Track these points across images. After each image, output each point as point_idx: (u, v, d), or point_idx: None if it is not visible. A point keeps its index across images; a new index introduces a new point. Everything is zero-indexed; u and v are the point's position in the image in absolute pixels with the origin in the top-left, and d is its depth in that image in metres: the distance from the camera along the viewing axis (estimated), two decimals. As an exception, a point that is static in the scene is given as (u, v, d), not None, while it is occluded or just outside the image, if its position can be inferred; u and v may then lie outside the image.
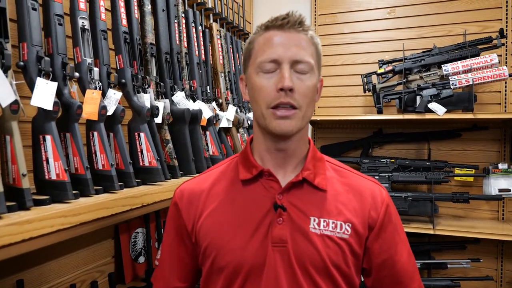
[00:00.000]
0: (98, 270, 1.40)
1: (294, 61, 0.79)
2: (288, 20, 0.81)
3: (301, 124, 0.82)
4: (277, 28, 0.82)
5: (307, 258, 0.81)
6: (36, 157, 0.95)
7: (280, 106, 0.79)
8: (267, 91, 0.80)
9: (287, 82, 0.77)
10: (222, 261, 0.83)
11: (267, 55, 0.80)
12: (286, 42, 0.80)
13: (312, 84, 0.81)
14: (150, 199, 1.07)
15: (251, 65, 0.84)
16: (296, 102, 0.79)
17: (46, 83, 0.94)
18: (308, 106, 0.82)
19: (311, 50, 0.82)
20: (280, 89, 0.78)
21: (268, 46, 0.81)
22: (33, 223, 0.71)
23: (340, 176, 0.90)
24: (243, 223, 0.84)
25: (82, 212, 0.83)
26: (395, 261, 0.87)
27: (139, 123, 1.26)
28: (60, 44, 1.02)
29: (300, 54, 0.80)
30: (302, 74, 0.80)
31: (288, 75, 0.78)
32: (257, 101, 0.82)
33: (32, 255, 1.13)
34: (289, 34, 0.81)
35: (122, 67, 1.25)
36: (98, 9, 1.18)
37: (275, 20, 0.83)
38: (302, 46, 0.81)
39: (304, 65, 0.80)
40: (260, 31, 0.85)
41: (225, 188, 0.89)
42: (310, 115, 0.85)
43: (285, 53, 0.79)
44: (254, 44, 0.85)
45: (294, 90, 0.78)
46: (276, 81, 0.79)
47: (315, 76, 0.83)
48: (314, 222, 0.82)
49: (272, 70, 0.80)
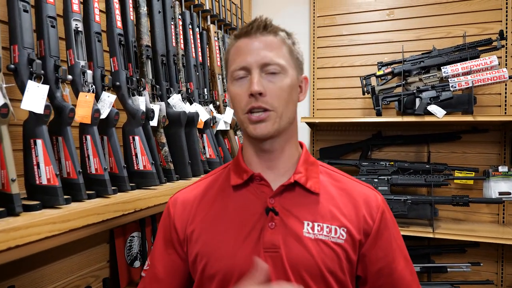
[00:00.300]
0: (92, 275, 1.38)
1: (262, 64, 0.80)
2: (252, 26, 0.83)
3: (279, 125, 0.81)
4: (244, 36, 0.83)
5: (301, 263, 0.79)
6: (27, 161, 0.93)
7: (253, 111, 0.79)
8: (240, 97, 0.81)
9: (255, 87, 0.78)
10: (212, 268, 0.81)
11: (237, 64, 0.82)
12: (253, 48, 0.81)
13: (285, 85, 0.81)
14: (143, 204, 1.06)
15: (228, 75, 0.86)
16: (267, 104, 0.79)
17: (37, 86, 0.92)
18: (285, 106, 0.82)
19: (282, 50, 0.82)
20: (250, 94, 0.78)
21: (237, 54, 0.82)
22: (20, 231, 0.69)
23: (334, 181, 0.89)
24: (234, 228, 0.82)
25: (71, 219, 0.81)
26: (392, 269, 0.85)
27: (134, 126, 1.24)
28: (52, 46, 1.01)
29: (268, 57, 0.80)
30: (273, 76, 0.80)
31: (257, 80, 0.79)
32: (235, 108, 0.84)
33: (24, 260, 1.11)
34: (255, 39, 0.82)
35: (116, 69, 1.24)
36: (92, 11, 1.17)
37: (242, 28, 0.85)
38: (271, 48, 0.81)
39: (274, 67, 0.80)
40: (232, 41, 0.86)
41: (217, 194, 0.89)
42: (291, 115, 0.84)
43: (252, 59, 0.80)
44: (229, 54, 0.87)
45: (264, 93, 0.79)
46: (247, 87, 0.80)
47: (288, 76, 0.82)
48: (308, 226, 0.81)
49: (244, 76, 0.81)
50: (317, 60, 2.64)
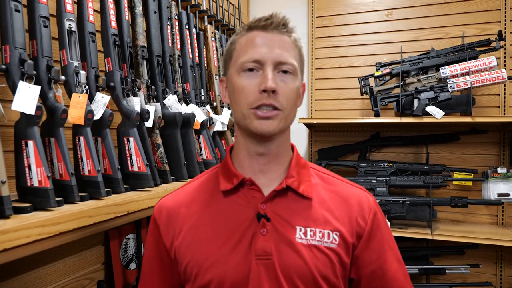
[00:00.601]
0: (87, 278, 1.37)
1: (277, 62, 0.77)
2: (272, 21, 0.79)
3: (283, 125, 0.79)
4: (260, 29, 0.79)
5: (294, 270, 0.77)
6: (18, 163, 0.92)
7: (261, 107, 0.76)
8: (249, 91, 0.77)
9: (270, 83, 0.75)
10: (203, 278, 0.78)
11: (249, 55, 0.78)
12: (269, 43, 0.78)
13: (295, 87, 0.80)
14: (136, 206, 1.04)
15: (232, 66, 0.82)
16: (279, 103, 0.76)
17: (29, 86, 0.91)
18: (291, 108, 0.80)
19: (294, 52, 0.81)
20: (263, 90, 0.75)
21: (251, 46, 0.78)
22: (8, 234, 0.68)
23: (326, 183, 0.87)
24: (224, 236, 0.80)
25: (62, 221, 0.80)
26: (385, 271, 0.83)
27: (128, 127, 1.23)
28: (45, 46, 0.99)
29: (284, 56, 0.78)
30: (286, 76, 0.78)
31: (272, 76, 0.75)
32: (238, 101, 0.79)
33: (16, 263, 1.10)
34: (272, 35, 0.79)
35: (111, 70, 1.22)
36: (86, 11, 1.15)
37: (258, 21, 0.80)
38: (286, 48, 0.79)
39: (288, 67, 0.78)
40: (242, 32, 0.82)
41: (205, 200, 0.85)
42: (293, 118, 0.83)
43: (268, 54, 0.77)
44: (236, 45, 0.82)
45: (277, 91, 0.76)
46: (258, 82, 0.76)
47: (298, 79, 0.81)
48: (300, 232, 0.79)
49: (255, 70, 0.78)
50: (315, 60, 2.63)
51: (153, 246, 0.88)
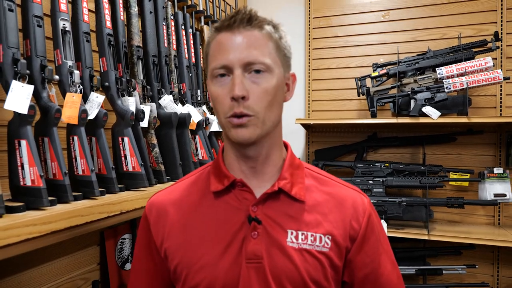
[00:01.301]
0: (82, 278, 1.36)
1: (245, 63, 0.73)
2: (235, 18, 0.75)
3: (261, 130, 0.75)
4: (226, 29, 0.75)
5: (284, 275, 0.76)
6: (11, 162, 0.92)
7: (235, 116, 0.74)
8: (222, 100, 0.74)
9: (237, 90, 0.71)
10: (193, 280, 0.77)
11: (217, 62, 0.75)
12: (234, 44, 0.74)
13: (270, 86, 0.75)
14: (130, 206, 1.04)
15: (208, 72, 0.79)
16: (249, 109, 0.73)
17: (22, 86, 0.91)
18: (267, 110, 0.75)
19: (269, 47, 0.75)
20: (231, 98, 0.72)
21: (218, 51, 0.75)
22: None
23: (320, 184, 0.85)
24: (215, 238, 0.78)
25: (53, 221, 0.80)
26: (378, 274, 0.82)
27: (123, 127, 1.23)
28: (39, 46, 1.00)
29: (252, 55, 0.73)
30: (258, 76, 0.74)
31: (239, 81, 0.72)
32: (216, 110, 0.77)
33: (10, 262, 1.10)
34: (238, 34, 0.74)
35: (105, 70, 1.23)
36: (81, 11, 1.16)
37: (224, 20, 0.76)
38: (255, 45, 0.74)
39: (259, 66, 0.74)
40: (213, 33, 0.78)
41: (196, 200, 0.84)
42: (275, 118, 0.78)
43: (235, 57, 0.73)
44: (209, 48, 0.79)
45: (247, 97, 0.72)
46: (228, 89, 0.73)
47: (274, 75, 0.76)
48: (292, 235, 0.78)
49: (225, 75, 0.75)
50: (312, 61, 2.63)
51: (143, 242, 0.87)
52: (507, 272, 2.23)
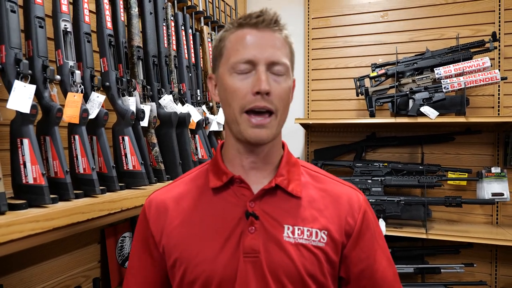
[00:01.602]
0: (83, 275, 1.38)
1: (270, 62, 0.75)
2: (263, 18, 0.77)
3: (277, 131, 0.79)
4: (251, 27, 0.77)
5: (280, 269, 0.77)
6: (13, 160, 0.93)
7: (255, 111, 0.75)
8: (242, 93, 0.75)
9: (264, 85, 0.73)
10: (191, 274, 0.79)
11: (241, 55, 0.75)
12: (261, 42, 0.76)
13: (288, 87, 0.78)
14: (130, 204, 1.06)
15: (223, 65, 0.79)
16: (272, 105, 0.75)
17: (24, 85, 0.93)
18: (284, 109, 0.79)
19: (286, 50, 0.79)
20: (256, 92, 0.74)
21: (242, 45, 0.76)
22: (1, 228, 0.69)
23: (316, 182, 0.87)
24: (213, 233, 0.80)
25: (55, 217, 0.82)
26: (374, 270, 0.84)
27: (123, 126, 1.25)
28: (40, 46, 1.01)
29: (277, 55, 0.76)
30: (279, 76, 0.76)
31: (265, 78, 0.74)
32: (230, 104, 0.77)
33: (12, 259, 1.12)
34: (263, 33, 0.77)
35: (106, 70, 1.24)
36: (82, 12, 1.17)
37: (249, 17, 0.78)
38: (278, 46, 0.77)
39: (281, 66, 0.76)
40: (232, 28, 0.80)
41: (195, 197, 0.85)
42: (285, 119, 0.81)
43: (261, 54, 0.75)
44: (226, 42, 0.80)
45: (270, 93, 0.74)
46: (251, 84, 0.75)
47: (290, 77, 0.79)
48: (288, 230, 0.79)
49: (247, 71, 0.76)
50: (311, 61, 2.65)
51: (141, 239, 0.88)
52: (505, 271, 2.24)
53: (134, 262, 0.90)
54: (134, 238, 0.92)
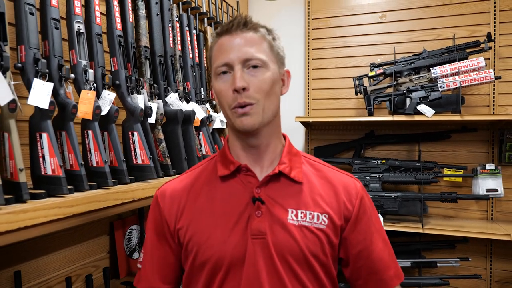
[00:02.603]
0: (93, 265, 1.45)
1: (244, 60, 0.84)
2: (233, 23, 0.86)
3: (263, 118, 0.85)
4: (225, 33, 0.87)
5: (286, 248, 0.84)
6: (32, 153, 1.00)
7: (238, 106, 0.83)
8: (226, 93, 0.84)
9: (238, 83, 0.81)
10: (203, 256, 0.86)
11: (219, 60, 0.85)
12: (233, 45, 0.85)
13: (266, 77, 0.85)
14: (141, 194, 1.13)
15: (212, 71, 0.89)
16: (251, 98, 0.83)
17: (43, 83, 0.99)
18: (266, 98, 0.85)
19: (263, 46, 0.86)
20: (234, 90, 0.82)
21: (220, 51, 0.86)
22: (28, 213, 0.76)
23: (316, 170, 0.95)
24: (222, 217, 0.87)
25: (75, 204, 0.88)
26: (370, 251, 0.91)
27: (133, 122, 1.31)
28: (56, 47, 1.08)
29: (249, 53, 0.84)
30: (255, 70, 0.84)
31: (239, 75, 0.82)
32: (221, 104, 0.87)
33: (29, 248, 1.18)
34: (236, 36, 0.85)
35: (116, 69, 1.31)
36: (94, 13, 1.24)
37: (223, 26, 0.88)
38: (251, 44, 0.85)
39: (255, 61, 0.84)
40: (214, 39, 0.90)
41: (205, 185, 0.93)
42: (274, 108, 0.88)
43: (234, 55, 0.84)
44: (212, 51, 0.90)
45: (247, 88, 0.82)
46: (230, 83, 0.84)
47: (269, 69, 0.86)
48: (292, 213, 0.86)
49: (226, 72, 0.85)
50: (311, 61, 2.71)
51: (155, 227, 0.95)
52: (500, 265, 2.30)
53: (149, 249, 0.96)
54: (147, 227, 0.98)
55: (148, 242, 0.97)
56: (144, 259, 0.98)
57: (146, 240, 0.98)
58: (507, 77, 2.27)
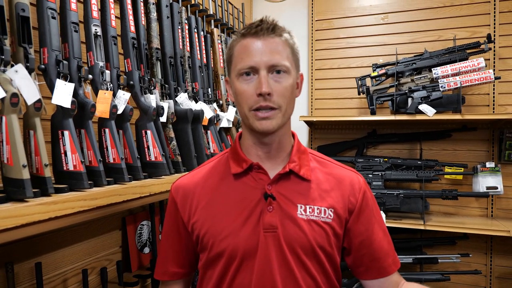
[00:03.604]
0: (107, 259, 1.50)
1: (270, 66, 0.87)
2: (262, 27, 0.88)
3: (282, 122, 0.91)
4: (252, 36, 0.88)
5: (295, 241, 0.90)
6: (55, 150, 1.05)
7: (260, 109, 0.87)
8: (248, 95, 0.88)
9: (264, 88, 0.85)
10: (218, 247, 0.92)
11: (245, 63, 0.88)
12: (261, 49, 0.87)
13: (289, 84, 0.89)
14: (157, 189, 1.18)
15: (233, 71, 0.92)
16: (274, 104, 0.87)
17: (65, 84, 1.04)
18: (288, 104, 0.90)
19: (287, 52, 0.90)
20: (258, 94, 0.86)
21: (245, 53, 0.88)
22: (58, 204, 0.82)
23: (322, 166, 1.01)
24: (235, 212, 0.93)
25: (98, 197, 0.94)
26: (371, 240, 0.97)
27: (146, 121, 1.36)
28: (75, 49, 1.13)
29: (276, 59, 0.87)
30: (280, 76, 0.88)
31: (265, 80, 0.85)
32: (240, 104, 0.91)
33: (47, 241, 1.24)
34: (263, 40, 0.88)
35: (130, 70, 1.36)
36: (109, 17, 1.29)
37: (250, 27, 0.90)
38: (277, 50, 0.88)
39: (280, 68, 0.88)
40: (237, 38, 0.92)
41: (218, 181, 0.98)
42: (291, 111, 0.94)
43: (261, 59, 0.86)
44: (233, 50, 0.92)
45: (271, 93, 0.86)
46: (255, 86, 0.87)
47: (291, 76, 0.90)
48: (301, 208, 0.92)
49: (251, 75, 0.88)
50: (315, 62, 2.77)
51: (171, 220, 1.02)
52: (500, 261, 2.36)
53: (165, 238, 1.04)
54: (164, 222, 1.05)
55: (164, 231, 1.05)
56: (161, 247, 1.06)
57: (164, 230, 1.06)
58: (507, 77, 2.33)
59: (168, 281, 1.06)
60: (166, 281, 1.06)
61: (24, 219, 0.74)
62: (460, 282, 2.42)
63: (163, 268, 1.04)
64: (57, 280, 1.28)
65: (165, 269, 1.04)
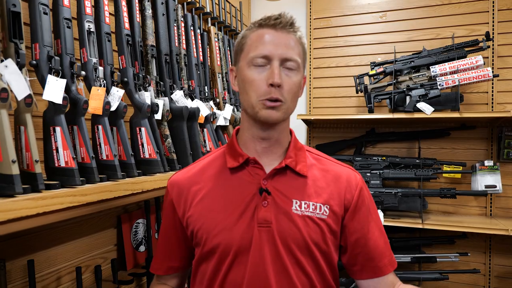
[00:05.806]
0: (101, 257, 1.49)
1: (283, 58, 0.87)
2: (281, 20, 0.89)
3: (285, 115, 0.91)
4: (270, 27, 0.89)
5: (289, 237, 0.89)
6: (46, 147, 1.04)
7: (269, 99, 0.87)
8: (258, 84, 0.87)
9: (277, 78, 0.85)
10: (212, 242, 0.91)
11: (259, 51, 0.88)
12: (277, 41, 0.88)
13: (297, 80, 0.90)
14: (149, 186, 1.17)
15: (243, 59, 0.92)
16: (282, 97, 0.87)
17: (56, 80, 1.04)
18: (292, 100, 0.91)
19: (299, 49, 0.91)
20: (270, 84, 0.86)
21: (261, 42, 0.88)
22: (46, 200, 0.81)
23: (319, 163, 1.00)
24: (231, 207, 0.92)
25: (88, 193, 0.93)
26: (367, 239, 0.96)
27: (140, 118, 1.36)
28: (68, 45, 1.12)
29: (289, 53, 0.88)
30: (290, 71, 0.89)
31: (278, 72, 0.86)
32: (248, 92, 0.89)
33: (40, 239, 1.23)
34: (280, 33, 0.89)
35: (124, 66, 1.35)
36: (103, 13, 1.28)
37: (268, 19, 0.90)
38: (291, 45, 0.89)
39: (292, 63, 0.88)
40: (253, 28, 0.92)
41: (214, 176, 0.98)
42: (293, 108, 0.93)
43: (275, 51, 0.87)
44: (247, 39, 0.92)
45: (282, 86, 0.86)
46: (266, 76, 0.87)
47: (300, 73, 0.91)
48: (296, 204, 0.91)
49: (263, 65, 0.88)
50: (313, 60, 2.76)
51: (167, 215, 1.02)
52: (499, 260, 2.34)
53: (162, 231, 1.05)
54: (162, 216, 1.06)
55: (161, 226, 1.06)
56: (158, 241, 1.07)
57: (161, 225, 1.06)
58: (506, 75, 2.31)
59: (163, 275, 1.06)
60: (161, 276, 1.06)
61: (11, 213, 0.73)
62: (459, 281, 2.41)
63: (159, 262, 1.05)
64: (50, 278, 1.27)
65: (160, 263, 1.05)
